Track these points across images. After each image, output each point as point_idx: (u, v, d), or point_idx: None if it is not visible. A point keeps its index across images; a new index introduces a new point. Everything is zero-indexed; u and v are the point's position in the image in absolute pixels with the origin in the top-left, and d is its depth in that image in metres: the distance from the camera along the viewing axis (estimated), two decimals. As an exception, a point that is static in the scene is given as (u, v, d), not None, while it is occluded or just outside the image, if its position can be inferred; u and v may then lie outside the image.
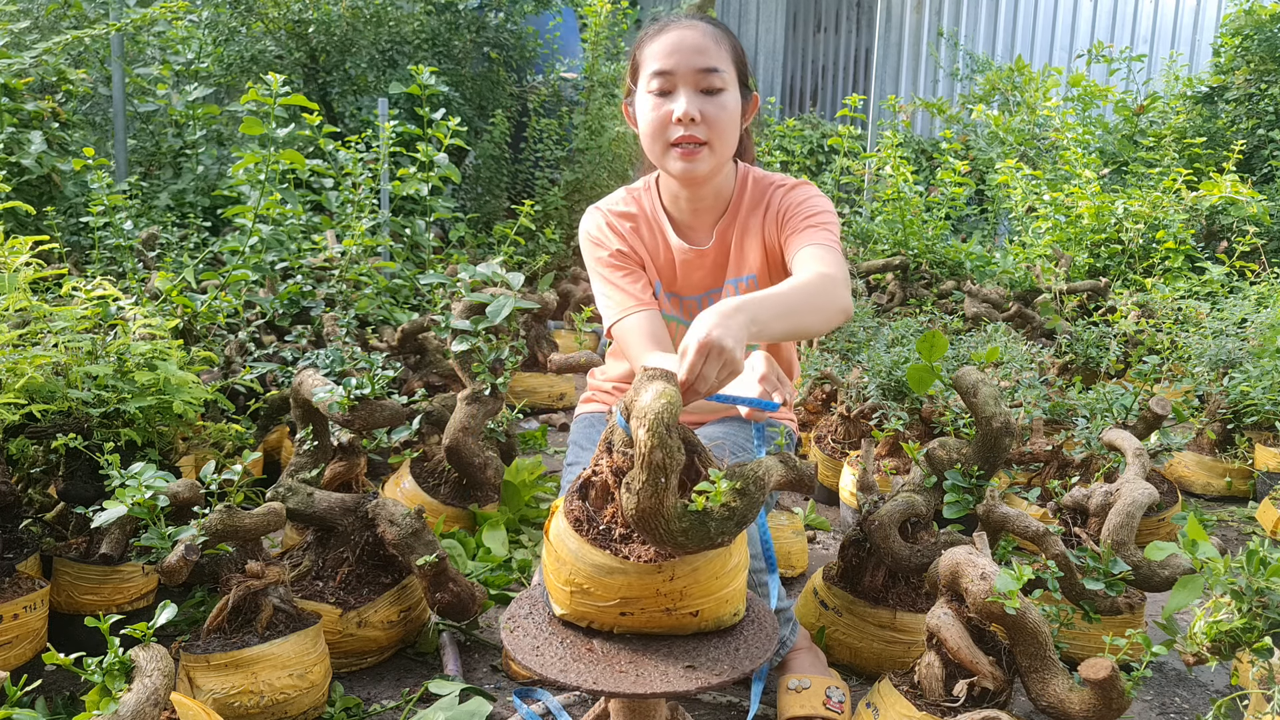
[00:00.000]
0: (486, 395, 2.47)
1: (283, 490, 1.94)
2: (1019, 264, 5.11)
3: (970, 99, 7.80)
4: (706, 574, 1.27)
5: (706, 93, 1.72)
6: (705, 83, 1.72)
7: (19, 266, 2.15)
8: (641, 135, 1.81)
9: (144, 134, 5.55)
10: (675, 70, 1.71)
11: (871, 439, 2.34)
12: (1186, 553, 1.31)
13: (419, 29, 6.53)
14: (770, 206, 1.88)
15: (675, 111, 1.71)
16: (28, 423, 1.93)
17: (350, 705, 1.80)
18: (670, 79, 1.72)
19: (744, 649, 1.30)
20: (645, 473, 1.15)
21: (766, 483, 1.25)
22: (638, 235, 1.94)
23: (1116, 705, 1.34)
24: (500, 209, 6.65)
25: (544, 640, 1.31)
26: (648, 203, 1.96)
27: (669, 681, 1.21)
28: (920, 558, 1.85)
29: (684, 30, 1.74)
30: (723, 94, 1.74)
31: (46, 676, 1.81)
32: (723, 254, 1.92)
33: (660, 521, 1.18)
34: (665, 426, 1.13)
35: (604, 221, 1.93)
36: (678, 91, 1.72)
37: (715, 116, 1.73)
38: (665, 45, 1.73)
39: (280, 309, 3.27)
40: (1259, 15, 6.34)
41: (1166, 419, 2.45)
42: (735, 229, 1.90)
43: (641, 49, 1.79)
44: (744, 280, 1.93)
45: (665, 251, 1.94)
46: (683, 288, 1.96)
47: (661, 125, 1.74)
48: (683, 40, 1.72)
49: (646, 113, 1.76)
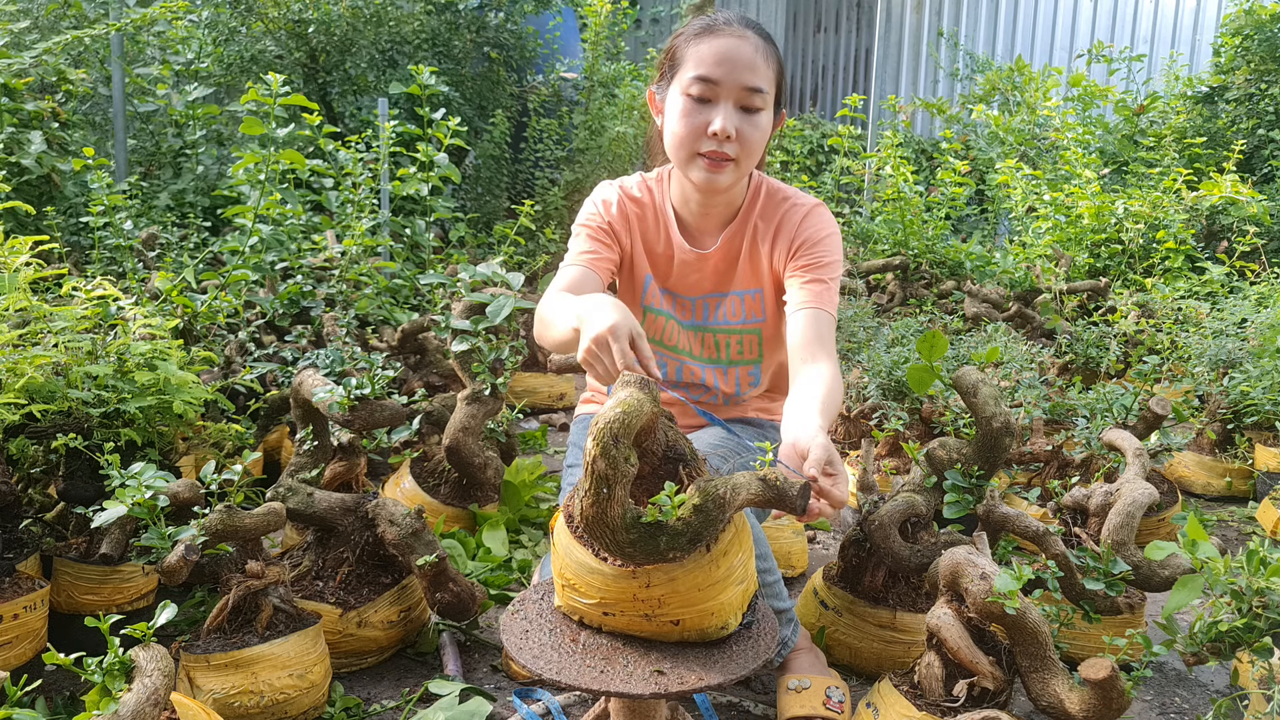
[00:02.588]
0: (486, 395, 2.47)
1: (283, 490, 1.94)
2: (1019, 264, 5.11)
3: (970, 99, 7.80)
4: (686, 585, 1.24)
5: (745, 110, 1.69)
6: (747, 101, 1.68)
7: (19, 266, 2.15)
8: (668, 134, 1.77)
9: (144, 134, 5.55)
10: (721, 82, 1.67)
11: (871, 439, 2.35)
12: (1186, 553, 1.31)
13: (419, 29, 6.54)
14: (783, 228, 1.85)
15: (713, 125, 1.67)
16: (28, 423, 1.93)
17: (350, 705, 1.80)
18: (714, 89, 1.68)
19: (735, 656, 1.29)
20: (589, 481, 1.15)
21: (730, 502, 1.21)
22: (642, 223, 1.93)
23: (1116, 705, 1.34)
24: (500, 209, 6.66)
25: (538, 638, 1.32)
26: (659, 195, 1.94)
27: (635, 683, 1.21)
28: (920, 558, 1.85)
29: (736, 40, 1.68)
30: (760, 114, 1.71)
31: (46, 676, 1.81)
32: (728, 262, 1.91)
33: (605, 531, 1.18)
34: (612, 437, 1.13)
35: (615, 197, 1.92)
36: (719, 104, 1.68)
37: (749, 136, 1.70)
38: (715, 52, 1.67)
39: (280, 309, 3.27)
40: (1259, 15, 6.33)
41: (1166, 419, 2.45)
42: (744, 238, 1.88)
43: (687, 45, 1.73)
44: (751, 294, 1.91)
45: (666, 247, 1.93)
46: (677, 286, 1.95)
47: (695, 134, 1.70)
48: (735, 52, 1.67)
49: (680, 116, 1.71)
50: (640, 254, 1.93)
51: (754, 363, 1.97)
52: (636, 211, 1.92)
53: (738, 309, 1.92)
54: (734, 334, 1.94)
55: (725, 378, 1.97)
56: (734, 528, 1.29)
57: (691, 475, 1.29)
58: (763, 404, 2.06)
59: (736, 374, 1.97)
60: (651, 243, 1.93)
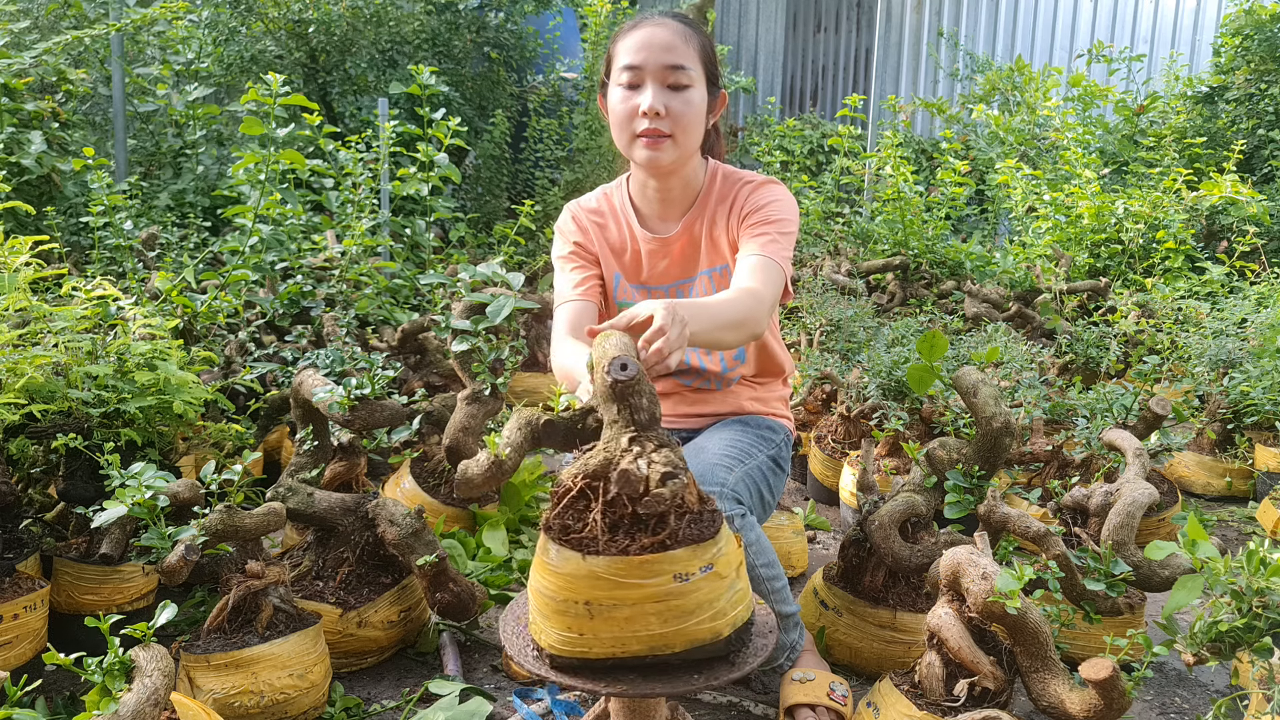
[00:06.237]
0: (486, 395, 2.47)
1: (283, 490, 1.94)
2: (1019, 264, 5.11)
3: (970, 99, 7.80)
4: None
5: (673, 88, 1.80)
6: (672, 79, 1.79)
7: (19, 266, 2.15)
8: (611, 125, 1.90)
9: (144, 134, 5.55)
10: (644, 65, 1.79)
11: (871, 439, 2.34)
12: (1186, 553, 1.31)
13: (419, 29, 6.54)
14: (736, 201, 1.93)
15: (641, 105, 1.80)
16: (28, 423, 1.93)
17: (350, 705, 1.80)
18: (639, 73, 1.80)
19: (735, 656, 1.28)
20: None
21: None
22: (604, 230, 2.02)
23: (1117, 705, 1.34)
24: (500, 209, 6.66)
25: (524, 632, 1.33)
26: (618, 198, 2.04)
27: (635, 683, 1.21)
28: (920, 558, 1.85)
29: (654, 28, 1.82)
30: (688, 90, 1.81)
31: (46, 676, 1.81)
32: (691, 245, 1.98)
33: None
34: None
35: (570, 216, 2.04)
36: (645, 85, 1.80)
37: (680, 111, 1.80)
38: (636, 41, 1.81)
39: (280, 309, 3.27)
40: (1259, 15, 6.33)
41: (1166, 419, 2.45)
42: (703, 221, 1.96)
43: (616, 43, 1.87)
44: (717, 270, 1.97)
45: (632, 243, 2.00)
46: (650, 278, 2.01)
47: (628, 117, 1.82)
48: (652, 37, 1.80)
49: (615, 104, 1.84)
50: (608, 257, 2.02)
51: None
52: (597, 220, 2.03)
53: (708, 287, 1.97)
54: None
55: (710, 356, 2.02)
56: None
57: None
58: (754, 392, 2.07)
59: (721, 352, 2.00)
60: (616, 244, 2.02)
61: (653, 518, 1.19)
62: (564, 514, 1.24)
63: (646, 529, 1.20)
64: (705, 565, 1.22)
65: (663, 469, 1.16)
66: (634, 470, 1.15)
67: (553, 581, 1.22)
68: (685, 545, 1.20)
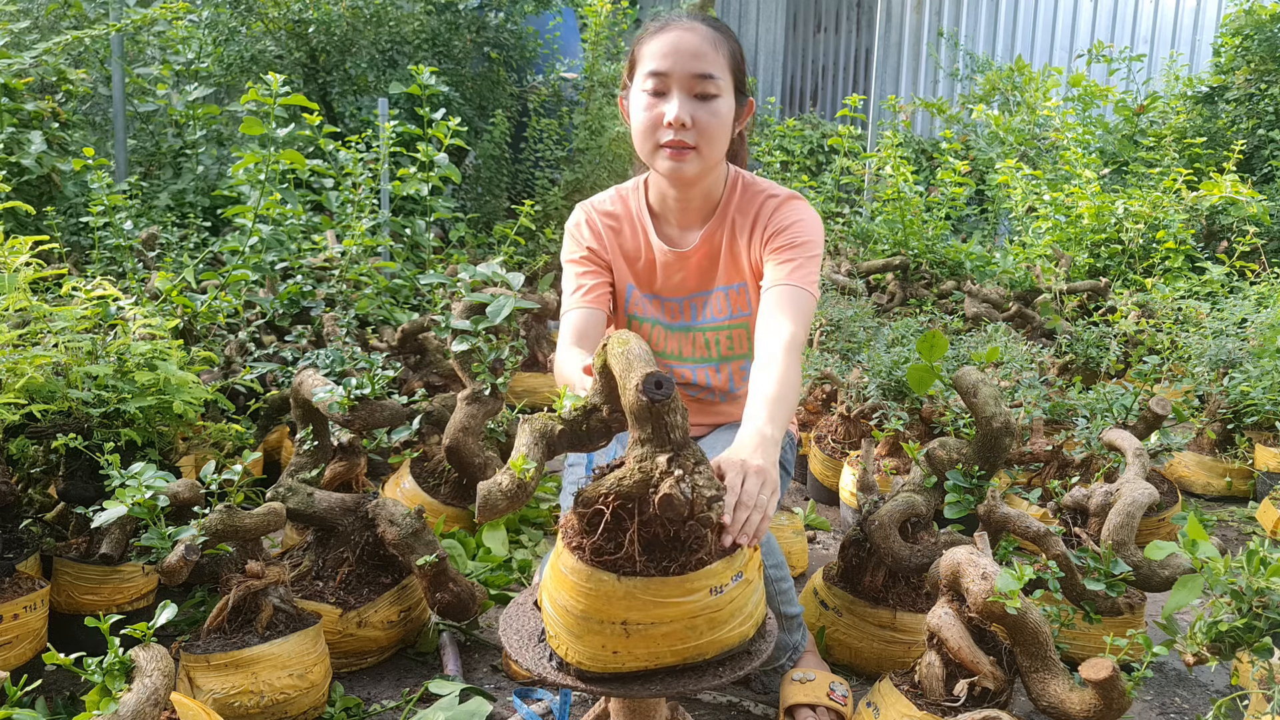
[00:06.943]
0: (486, 395, 2.47)
1: (283, 490, 1.94)
2: (1019, 264, 5.11)
3: (970, 99, 7.80)
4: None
5: (700, 98, 1.72)
6: (699, 88, 1.71)
7: (19, 266, 2.15)
8: (633, 131, 1.82)
9: (144, 134, 5.55)
10: (670, 73, 1.71)
11: (871, 439, 2.34)
12: (1186, 553, 1.31)
13: (419, 29, 6.53)
14: (759, 219, 1.86)
15: (667, 115, 1.71)
16: (28, 423, 1.93)
17: (350, 705, 1.80)
18: (665, 80, 1.72)
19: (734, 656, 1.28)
20: None
21: None
22: (618, 235, 1.95)
23: (1117, 705, 1.34)
24: (500, 209, 6.65)
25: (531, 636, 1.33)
26: (634, 202, 1.96)
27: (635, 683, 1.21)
28: (920, 558, 1.85)
29: (683, 32, 1.73)
30: (715, 100, 1.73)
31: (46, 676, 1.81)
32: (710, 259, 1.91)
33: None
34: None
35: (584, 218, 1.96)
36: (671, 94, 1.72)
37: (706, 123, 1.73)
38: (663, 46, 1.72)
39: (280, 309, 3.27)
40: (1259, 15, 6.33)
41: (1166, 419, 2.45)
42: (723, 233, 1.89)
43: (641, 45, 1.78)
44: (734, 288, 1.92)
45: (647, 252, 1.94)
46: (663, 289, 1.95)
47: (652, 126, 1.74)
48: (681, 43, 1.71)
49: (639, 111, 1.76)
50: (621, 265, 1.95)
51: (744, 357, 1.98)
52: (611, 225, 1.95)
53: (723, 305, 1.93)
54: (722, 330, 1.95)
55: (719, 374, 1.98)
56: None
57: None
58: None
59: (729, 369, 1.99)
60: (630, 251, 1.95)
61: (690, 537, 1.20)
62: (594, 534, 1.22)
63: (683, 547, 1.20)
64: (736, 574, 1.23)
65: (708, 492, 1.16)
66: (678, 495, 1.13)
67: (584, 602, 1.21)
68: (719, 559, 1.21)
